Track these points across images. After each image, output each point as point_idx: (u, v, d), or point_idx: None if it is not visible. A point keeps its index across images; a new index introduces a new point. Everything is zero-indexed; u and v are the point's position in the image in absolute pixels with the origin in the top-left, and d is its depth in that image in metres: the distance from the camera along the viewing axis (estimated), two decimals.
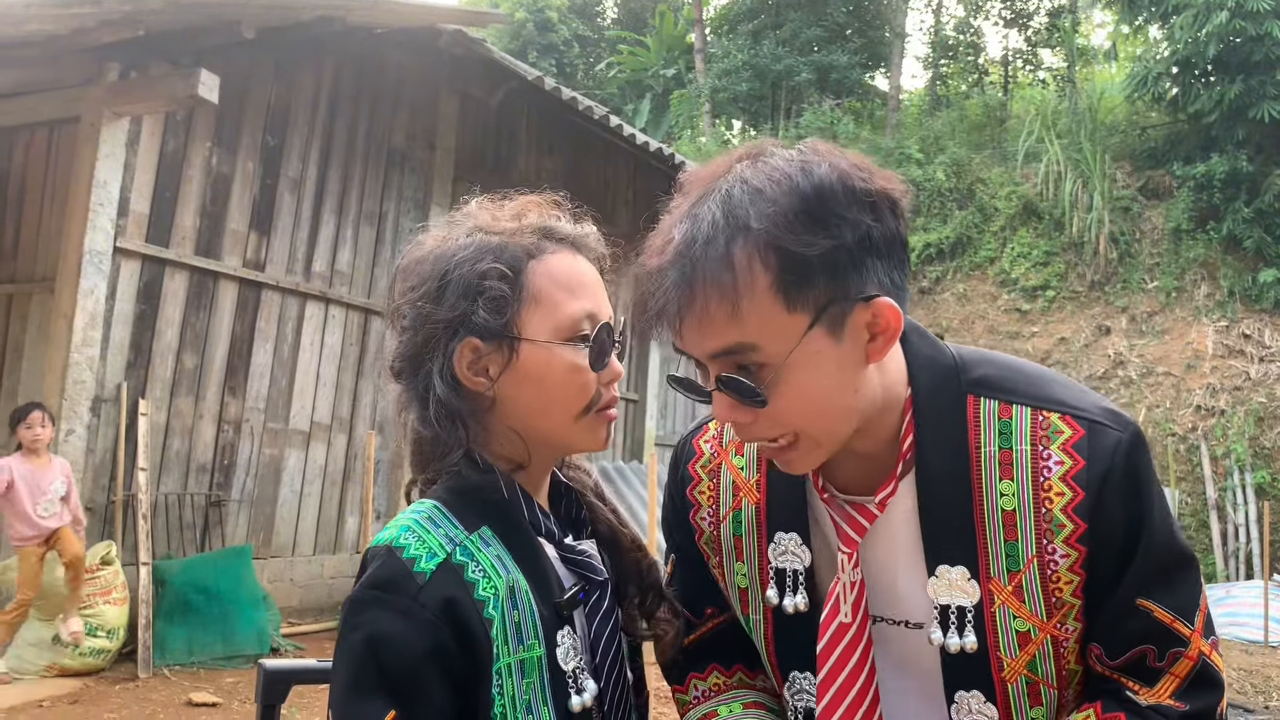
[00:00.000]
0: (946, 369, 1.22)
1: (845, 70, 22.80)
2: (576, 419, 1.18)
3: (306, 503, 7.89)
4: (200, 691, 5.56)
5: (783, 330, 1.05)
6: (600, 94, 25.45)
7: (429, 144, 8.87)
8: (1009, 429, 1.18)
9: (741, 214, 1.04)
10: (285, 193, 7.70)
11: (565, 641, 1.15)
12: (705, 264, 1.03)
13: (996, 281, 16.58)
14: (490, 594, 1.10)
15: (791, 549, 1.29)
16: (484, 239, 1.18)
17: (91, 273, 6.24)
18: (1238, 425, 13.31)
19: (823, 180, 1.05)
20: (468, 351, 1.16)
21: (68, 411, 6.15)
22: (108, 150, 6.31)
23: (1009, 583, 1.17)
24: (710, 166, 1.13)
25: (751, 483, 1.34)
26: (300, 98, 7.82)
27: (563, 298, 1.17)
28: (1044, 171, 16.87)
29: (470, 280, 1.15)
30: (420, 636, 1.05)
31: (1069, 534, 1.14)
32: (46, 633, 5.74)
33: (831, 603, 1.23)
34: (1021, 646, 1.17)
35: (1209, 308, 14.74)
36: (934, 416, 1.19)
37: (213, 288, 7.19)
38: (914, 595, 1.22)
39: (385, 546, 1.12)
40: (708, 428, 1.42)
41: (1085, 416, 1.17)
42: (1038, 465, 1.16)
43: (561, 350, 1.16)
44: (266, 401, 7.59)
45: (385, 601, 1.07)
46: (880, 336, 1.11)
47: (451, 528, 1.14)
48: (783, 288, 1.03)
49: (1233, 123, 14.85)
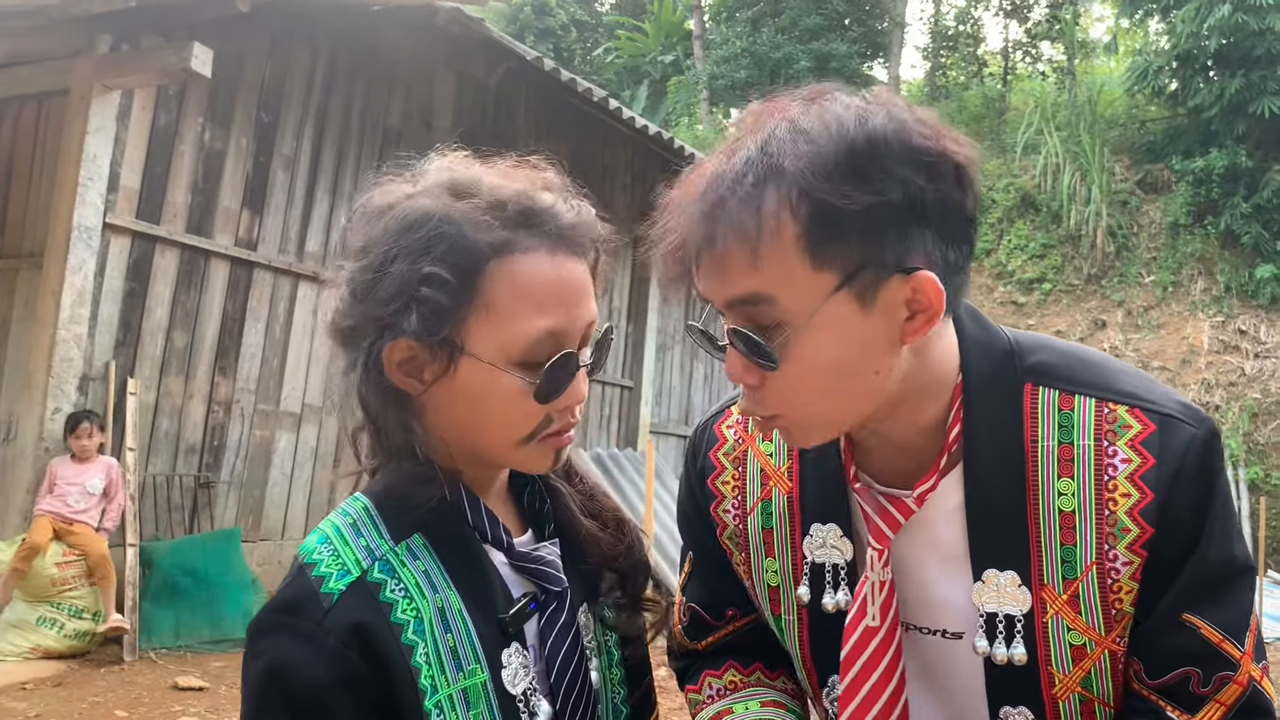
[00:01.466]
0: (1001, 354, 1.10)
1: (844, 59, 22.69)
2: (515, 446, 1.03)
3: (297, 485, 7.80)
4: (187, 675, 5.48)
5: (804, 288, 0.94)
6: (597, 79, 25.29)
7: (425, 123, 8.76)
8: (1070, 422, 1.07)
9: (777, 154, 0.94)
10: (279, 171, 7.59)
11: (512, 661, 1.03)
12: (730, 202, 0.94)
13: (993, 274, 16.54)
14: (411, 616, 0.98)
15: (831, 541, 1.18)
16: (442, 221, 0.99)
17: (80, 249, 6.12)
18: (1232, 421, 13.30)
19: (876, 129, 0.94)
20: (400, 350, 1.00)
21: (54, 389, 6.05)
22: (98, 124, 6.18)
23: (1064, 591, 1.06)
24: (771, 104, 1.02)
25: (782, 470, 1.22)
26: (295, 74, 7.70)
27: (520, 312, 0.99)
28: (1042, 164, 16.82)
29: (410, 280, 0.97)
30: (325, 666, 0.93)
31: (1134, 539, 1.04)
32: (30, 615, 5.65)
33: (859, 603, 1.12)
34: (1076, 661, 1.07)
35: (1205, 303, 14.72)
36: (986, 407, 1.08)
37: (204, 266, 7.08)
38: (953, 602, 1.11)
39: (298, 563, 1.00)
40: (730, 411, 1.30)
41: (1157, 410, 1.06)
42: (1102, 463, 1.05)
43: (505, 375, 0.99)
44: (257, 382, 7.49)
45: (287, 626, 0.95)
46: (919, 316, 0.99)
47: (375, 536, 1.02)
48: (810, 241, 0.93)
49: (1232, 117, 14.81)
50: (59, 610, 5.70)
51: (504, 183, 1.04)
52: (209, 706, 5.06)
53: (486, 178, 1.05)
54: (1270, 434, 13.17)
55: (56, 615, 5.68)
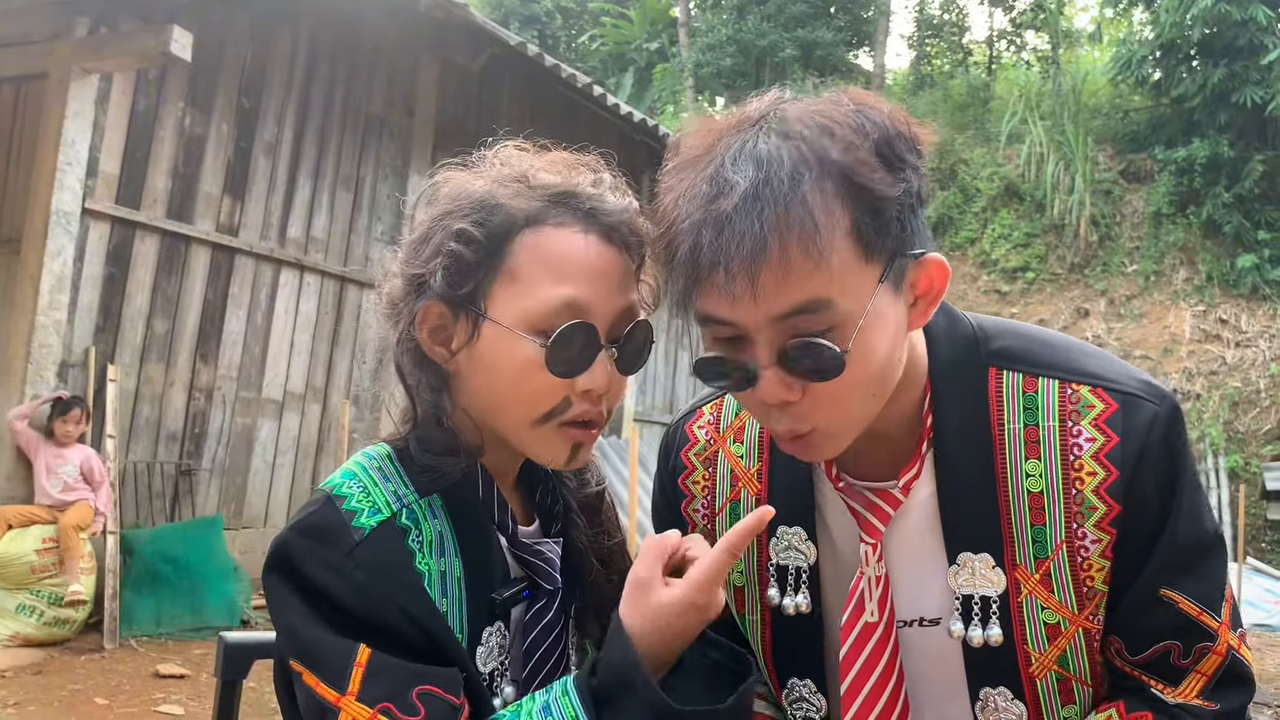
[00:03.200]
0: (966, 341, 1.12)
1: (829, 47, 22.67)
2: (532, 425, 1.03)
3: (279, 473, 7.77)
4: (168, 663, 5.46)
5: (857, 283, 0.93)
6: (582, 67, 25.18)
7: (408, 110, 8.70)
8: (1035, 404, 1.09)
9: (818, 147, 0.92)
10: (260, 156, 7.53)
11: (490, 640, 1.05)
12: (787, 203, 0.89)
13: (977, 262, 16.59)
14: (425, 569, 1.00)
15: (795, 544, 1.19)
16: (485, 193, 1.04)
17: (59, 234, 6.06)
18: (1213, 409, 13.40)
19: (884, 121, 0.95)
20: (432, 315, 1.04)
21: (33, 376, 6.00)
22: (76, 108, 6.11)
23: (1036, 571, 1.07)
24: (719, 120, 1.00)
25: (751, 472, 1.23)
26: (276, 59, 7.63)
27: (542, 278, 1.00)
28: (1026, 153, 16.87)
29: (444, 238, 1.02)
30: (354, 597, 0.95)
31: (1101, 517, 1.05)
32: (9, 602, 5.61)
33: (855, 602, 1.12)
34: (1051, 640, 1.08)
35: (1187, 292, 14.81)
36: (953, 393, 1.09)
37: (185, 252, 7.02)
38: (932, 588, 1.12)
39: (323, 494, 1.01)
40: (702, 411, 1.31)
41: (1119, 389, 1.07)
42: (1067, 443, 1.07)
43: (521, 341, 1.00)
44: (239, 370, 7.45)
45: (315, 552, 0.96)
46: (922, 300, 1.02)
47: (401, 485, 1.04)
48: (861, 233, 0.92)
49: (1215, 107, 14.88)
50: (38, 598, 5.66)
51: (552, 168, 1.08)
52: (190, 694, 5.04)
53: (536, 163, 1.09)
54: (1250, 422, 13.27)
55: (36, 603, 5.64)
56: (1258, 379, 13.60)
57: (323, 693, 0.93)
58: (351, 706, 0.92)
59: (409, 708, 0.92)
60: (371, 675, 0.93)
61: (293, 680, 0.98)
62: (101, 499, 5.99)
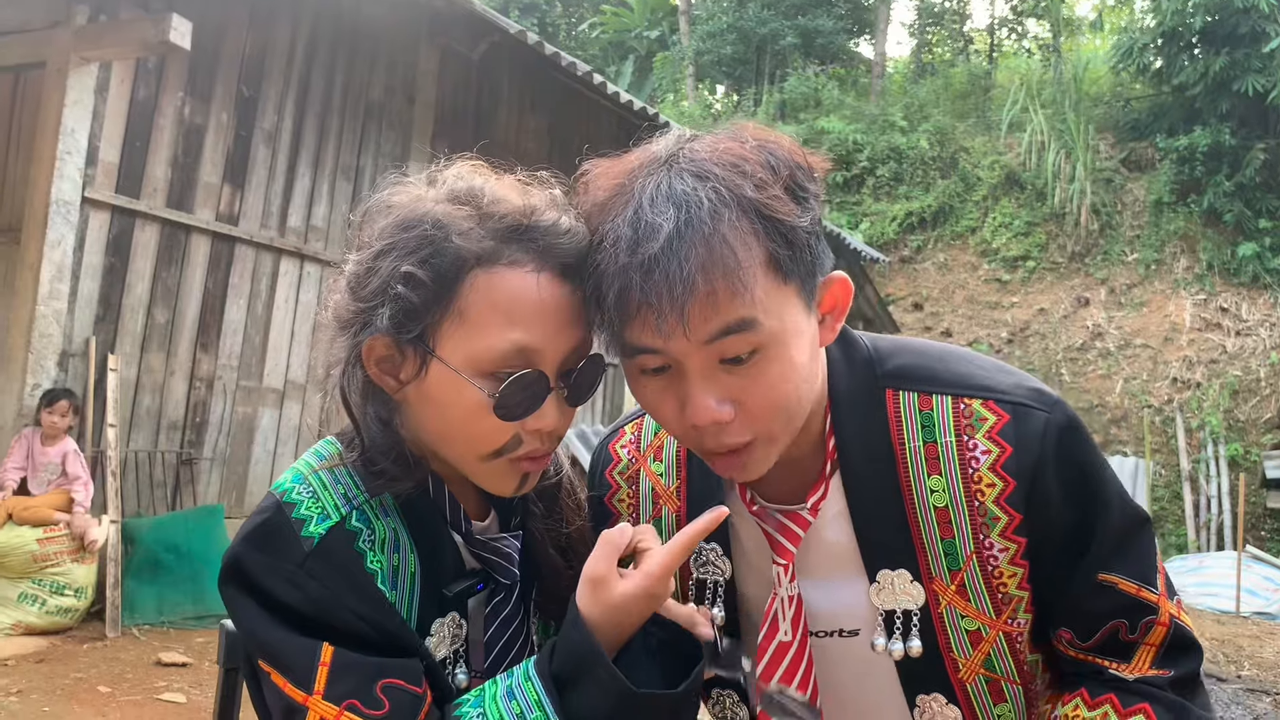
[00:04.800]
0: (861, 363, 1.16)
1: (830, 35, 22.63)
2: (482, 460, 1.04)
3: (281, 462, 7.77)
4: (170, 651, 5.47)
5: (777, 305, 0.98)
6: (582, 55, 25.12)
7: (408, 97, 8.68)
8: (931, 421, 1.12)
9: (733, 186, 0.96)
10: (260, 145, 7.51)
11: (440, 631, 1.07)
12: (709, 242, 0.93)
13: (977, 251, 16.57)
14: (376, 568, 1.01)
15: (713, 560, 1.23)
16: (434, 225, 1.01)
17: (59, 223, 6.05)
18: (1213, 398, 13.41)
19: (786, 156, 1.01)
20: (379, 348, 1.03)
21: (34, 365, 6.00)
22: (75, 97, 6.09)
23: (951, 582, 1.11)
24: (624, 162, 1.04)
25: (671, 490, 1.27)
26: (276, 47, 7.61)
27: (492, 322, 0.99)
28: (1027, 141, 16.83)
29: (391, 277, 1.00)
30: (310, 604, 0.97)
31: (1004, 526, 1.09)
32: (12, 591, 5.63)
33: (769, 621, 1.16)
34: (974, 645, 1.13)
35: (1188, 281, 14.79)
36: (853, 415, 1.13)
37: (185, 241, 7.02)
38: (846, 602, 1.16)
39: (274, 499, 1.02)
40: (624, 431, 1.35)
41: (1008, 399, 1.11)
42: (965, 456, 1.10)
43: (470, 386, 1.00)
44: (240, 359, 7.45)
45: (269, 566, 0.98)
46: (830, 315, 1.08)
47: (352, 485, 1.05)
48: (777, 261, 0.97)
49: (1216, 95, 14.84)
50: (40, 587, 5.67)
51: (507, 195, 1.05)
52: (192, 682, 5.06)
53: (490, 188, 1.05)
54: (1250, 411, 13.28)
55: (38, 592, 5.66)
56: (1258, 367, 13.60)
57: (290, 692, 0.96)
58: (319, 705, 0.95)
59: (374, 702, 0.95)
60: (336, 673, 0.95)
61: (260, 679, 1.01)
62: (80, 493, 5.94)
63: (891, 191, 17.67)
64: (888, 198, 17.72)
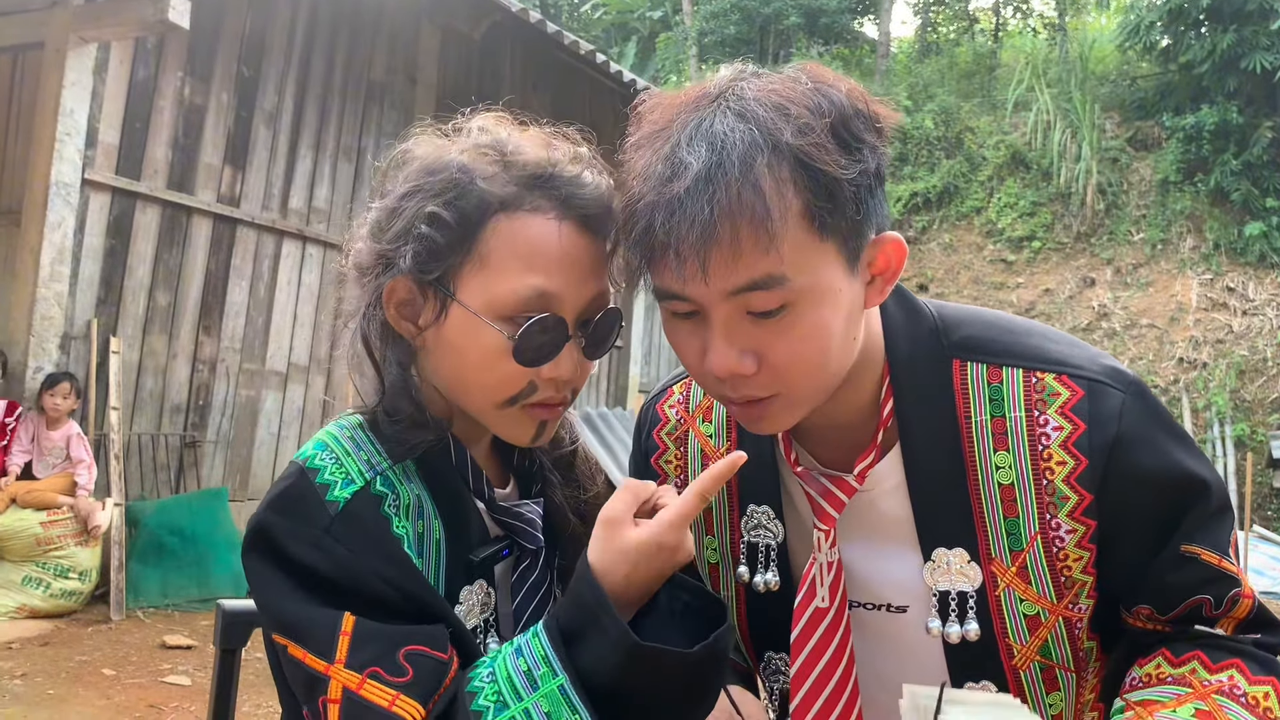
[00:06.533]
0: (926, 331, 1.11)
1: (835, 15, 22.46)
2: (497, 408, 1.03)
3: (284, 445, 7.76)
4: (174, 634, 5.48)
5: (811, 261, 0.93)
6: (585, 35, 25.00)
7: (410, 78, 8.62)
8: (1000, 394, 1.07)
9: (772, 129, 0.91)
10: (261, 126, 7.46)
11: (469, 599, 1.05)
12: (738, 187, 0.89)
13: (983, 232, 16.48)
14: (402, 533, 1.00)
15: (764, 522, 1.19)
16: (459, 170, 1.01)
17: (59, 205, 6.02)
18: (1219, 378, 13.35)
19: (842, 101, 0.94)
20: (400, 290, 1.03)
21: (35, 349, 5.97)
22: (74, 78, 6.04)
23: (1012, 564, 1.07)
24: (680, 95, 0.99)
25: (721, 451, 1.23)
26: (276, 27, 7.55)
27: (512, 267, 0.99)
28: (1033, 121, 16.72)
29: (415, 218, 1.00)
30: (336, 569, 0.95)
31: (1073, 506, 1.04)
32: (16, 575, 5.62)
33: (807, 585, 1.13)
34: (1032, 631, 1.08)
35: (1194, 260, 14.71)
36: (916, 386, 1.08)
37: (186, 223, 6.98)
38: (897, 577, 1.12)
39: (296, 466, 1.00)
40: (672, 391, 1.31)
41: (1084, 375, 1.06)
42: (1035, 432, 1.06)
43: (488, 329, 0.99)
44: (242, 341, 7.43)
45: (293, 531, 0.96)
46: (880, 278, 1.01)
47: (375, 453, 1.03)
48: (815, 214, 0.92)
49: (1224, 73, 14.71)
50: (45, 570, 5.67)
51: (531, 146, 1.06)
52: (197, 664, 5.06)
53: (514, 139, 1.06)
54: (1257, 391, 13.23)
55: (42, 575, 5.66)
56: (1265, 347, 13.54)
57: (311, 663, 0.93)
58: (340, 674, 0.92)
59: (397, 669, 0.92)
60: (358, 641, 0.93)
61: (280, 656, 0.98)
62: (84, 476, 5.96)
63: (896, 172, 17.57)
64: (892, 178, 17.60)
